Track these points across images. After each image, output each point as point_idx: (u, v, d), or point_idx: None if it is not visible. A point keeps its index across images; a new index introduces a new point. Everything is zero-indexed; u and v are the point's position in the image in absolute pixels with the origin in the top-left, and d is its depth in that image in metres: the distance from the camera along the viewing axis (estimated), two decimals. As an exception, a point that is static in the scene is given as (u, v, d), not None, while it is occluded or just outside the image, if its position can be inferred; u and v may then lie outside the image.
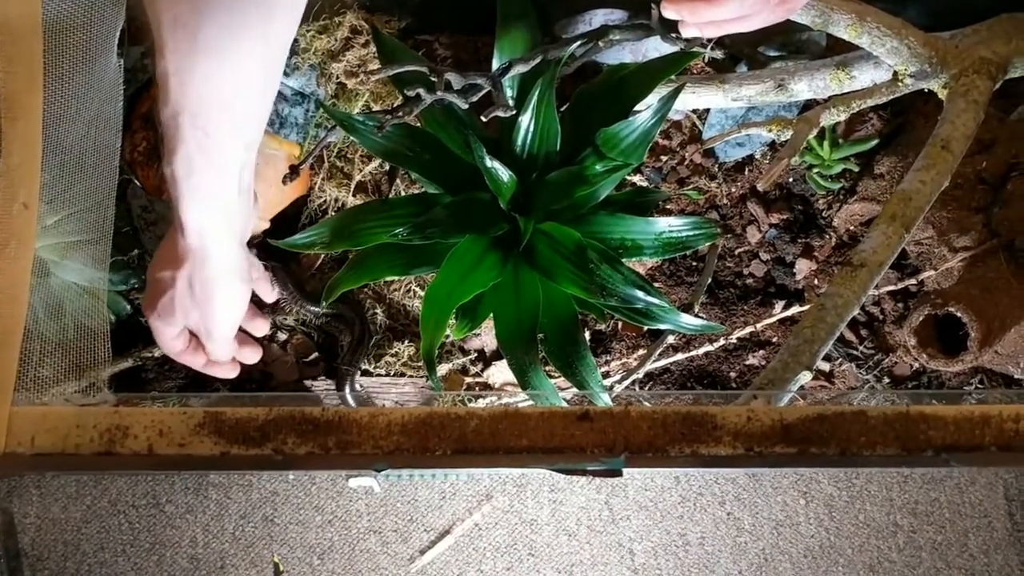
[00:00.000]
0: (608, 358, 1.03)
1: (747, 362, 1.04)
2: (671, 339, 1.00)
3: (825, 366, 1.04)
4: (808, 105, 1.01)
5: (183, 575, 0.70)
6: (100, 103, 0.73)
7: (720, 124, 1.06)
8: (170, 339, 0.77)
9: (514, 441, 0.57)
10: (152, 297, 0.75)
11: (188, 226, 0.68)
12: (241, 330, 0.82)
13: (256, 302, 0.88)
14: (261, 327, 0.89)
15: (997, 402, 0.59)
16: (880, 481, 0.71)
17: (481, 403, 0.97)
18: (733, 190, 1.07)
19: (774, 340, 1.04)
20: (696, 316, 0.95)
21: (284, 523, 0.71)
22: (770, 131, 0.95)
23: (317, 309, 1.01)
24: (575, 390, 0.89)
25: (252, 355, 0.86)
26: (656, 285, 1.02)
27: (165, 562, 0.70)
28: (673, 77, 0.92)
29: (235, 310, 0.77)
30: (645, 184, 1.07)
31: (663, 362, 1.02)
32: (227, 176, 0.67)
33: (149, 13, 0.59)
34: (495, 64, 0.91)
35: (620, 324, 1.05)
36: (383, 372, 1.02)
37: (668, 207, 1.07)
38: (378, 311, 1.02)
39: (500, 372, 1.02)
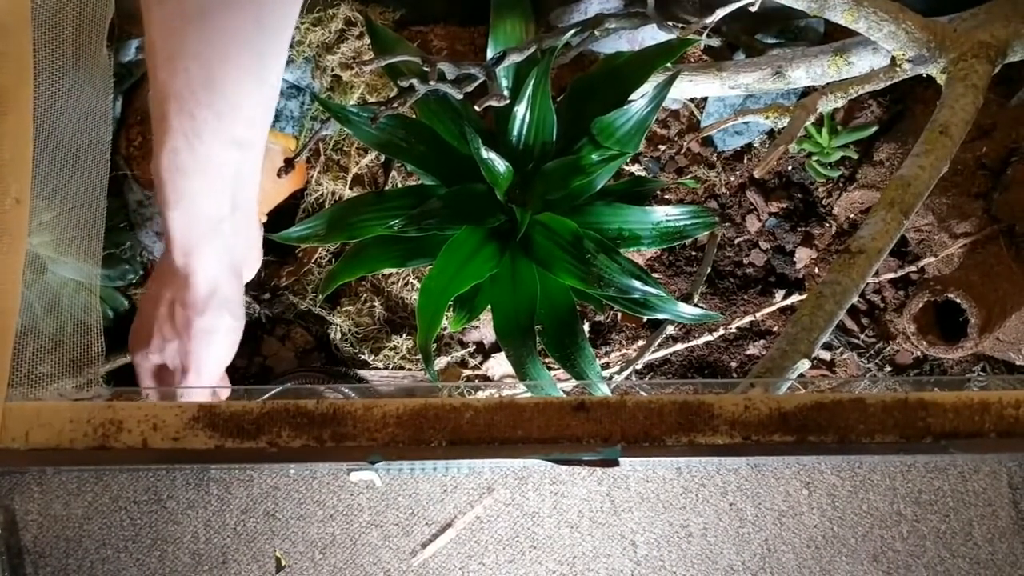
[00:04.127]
0: (608, 349, 1.03)
1: (748, 352, 1.03)
2: (671, 330, 1.00)
3: (826, 355, 1.03)
4: (806, 92, 1.01)
5: (185, 571, 0.69)
6: (90, 97, 0.72)
7: (718, 113, 1.06)
8: (147, 375, 0.69)
9: (510, 432, 0.57)
10: (136, 322, 0.68)
11: (172, 237, 0.62)
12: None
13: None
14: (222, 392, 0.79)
15: (998, 388, 0.59)
16: (883, 470, 0.71)
17: (479, 395, 0.97)
18: (732, 179, 1.07)
19: (775, 329, 1.03)
20: (695, 306, 0.94)
21: (286, 518, 0.71)
22: (767, 118, 0.94)
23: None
24: (574, 381, 0.89)
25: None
26: (655, 275, 1.02)
27: (167, 558, 0.70)
28: (669, 65, 0.91)
29: (220, 349, 0.68)
30: (643, 174, 1.06)
31: (663, 353, 1.02)
32: (217, 180, 0.60)
33: None
34: (490, 54, 0.91)
35: (619, 315, 1.04)
36: (382, 366, 1.02)
37: (666, 196, 1.06)
38: (376, 304, 1.02)
39: (499, 364, 1.02)
